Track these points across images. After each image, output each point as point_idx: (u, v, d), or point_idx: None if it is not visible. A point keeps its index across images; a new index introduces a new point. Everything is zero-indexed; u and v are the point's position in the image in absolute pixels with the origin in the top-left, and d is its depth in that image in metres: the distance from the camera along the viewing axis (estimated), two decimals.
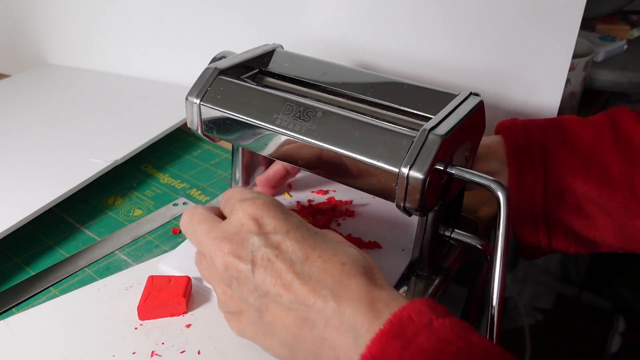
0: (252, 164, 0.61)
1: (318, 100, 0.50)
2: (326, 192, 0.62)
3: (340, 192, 0.61)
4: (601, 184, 0.51)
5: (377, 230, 0.55)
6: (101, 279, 0.52)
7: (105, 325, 0.46)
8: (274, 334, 0.39)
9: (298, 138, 0.47)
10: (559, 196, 0.53)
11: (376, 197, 0.55)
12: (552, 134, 0.54)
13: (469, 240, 0.50)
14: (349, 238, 0.54)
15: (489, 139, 0.56)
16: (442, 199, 0.46)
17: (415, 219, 0.49)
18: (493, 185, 0.42)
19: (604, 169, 0.52)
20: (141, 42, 0.83)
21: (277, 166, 0.59)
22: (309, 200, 0.60)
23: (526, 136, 0.55)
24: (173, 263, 0.52)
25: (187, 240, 0.54)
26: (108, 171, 0.62)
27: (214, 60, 0.56)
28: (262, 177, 0.59)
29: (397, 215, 0.56)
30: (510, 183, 0.54)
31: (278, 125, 0.48)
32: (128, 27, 0.83)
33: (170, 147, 0.74)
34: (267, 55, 0.57)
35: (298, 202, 0.60)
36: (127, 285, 0.51)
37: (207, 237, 0.42)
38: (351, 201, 0.60)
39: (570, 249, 0.55)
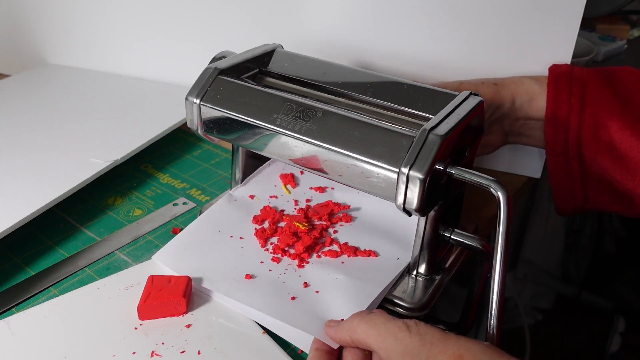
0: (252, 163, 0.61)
1: (318, 100, 0.50)
2: (324, 189, 0.61)
3: (339, 190, 0.61)
4: (637, 120, 0.52)
5: (373, 238, 0.55)
6: (101, 279, 0.52)
7: (105, 325, 0.46)
8: None
9: (298, 138, 0.47)
10: (594, 133, 0.53)
11: (374, 198, 0.55)
12: (595, 73, 0.55)
13: (469, 240, 0.50)
14: (345, 247, 0.53)
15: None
16: (442, 199, 0.46)
17: (412, 224, 0.49)
18: (493, 185, 0.42)
19: None
20: (141, 42, 0.83)
21: None
22: (307, 200, 0.60)
23: (570, 70, 0.56)
24: (166, 259, 0.52)
25: (178, 235, 0.54)
26: (108, 171, 0.62)
27: (214, 60, 0.56)
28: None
29: (395, 219, 0.56)
30: (547, 112, 0.55)
31: (278, 125, 0.48)
32: (128, 27, 0.83)
33: (170, 147, 0.74)
34: (267, 55, 0.57)
35: (296, 202, 0.59)
36: (127, 285, 0.51)
37: None
38: (349, 206, 0.59)
39: (603, 200, 0.55)
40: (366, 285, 0.48)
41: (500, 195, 0.42)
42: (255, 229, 0.56)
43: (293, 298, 0.48)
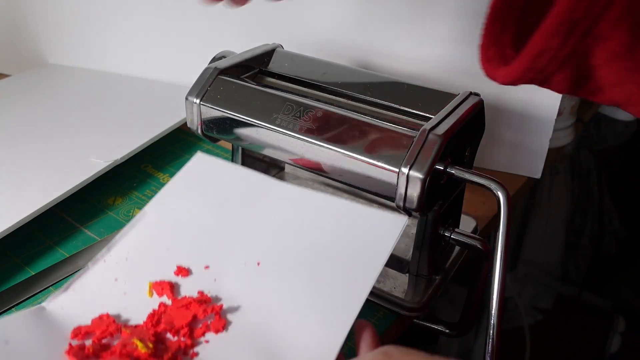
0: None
1: (318, 100, 0.50)
2: (189, 271, 0.43)
3: (214, 270, 0.42)
4: None
5: (255, 354, 0.37)
6: None
7: None
8: None
9: (298, 138, 0.47)
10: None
11: (258, 288, 0.41)
12: None
13: (469, 240, 0.50)
14: None
15: None
16: (442, 199, 0.46)
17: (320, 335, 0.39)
18: (493, 185, 0.42)
19: None
20: (141, 42, 0.83)
21: None
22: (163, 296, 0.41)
23: None
24: (68, 304, 0.40)
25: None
26: (108, 171, 0.62)
27: (214, 60, 0.56)
28: None
29: (285, 325, 0.39)
30: None
31: (278, 125, 0.48)
32: (128, 27, 0.83)
33: (170, 147, 0.74)
34: (267, 55, 0.57)
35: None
36: None
37: None
38: (221, 305, 0.40)
39: (611, 76, 0.32)
40: None
41: (500, 195, 0.42)
42: (70, 345, 0.37)
43: None
